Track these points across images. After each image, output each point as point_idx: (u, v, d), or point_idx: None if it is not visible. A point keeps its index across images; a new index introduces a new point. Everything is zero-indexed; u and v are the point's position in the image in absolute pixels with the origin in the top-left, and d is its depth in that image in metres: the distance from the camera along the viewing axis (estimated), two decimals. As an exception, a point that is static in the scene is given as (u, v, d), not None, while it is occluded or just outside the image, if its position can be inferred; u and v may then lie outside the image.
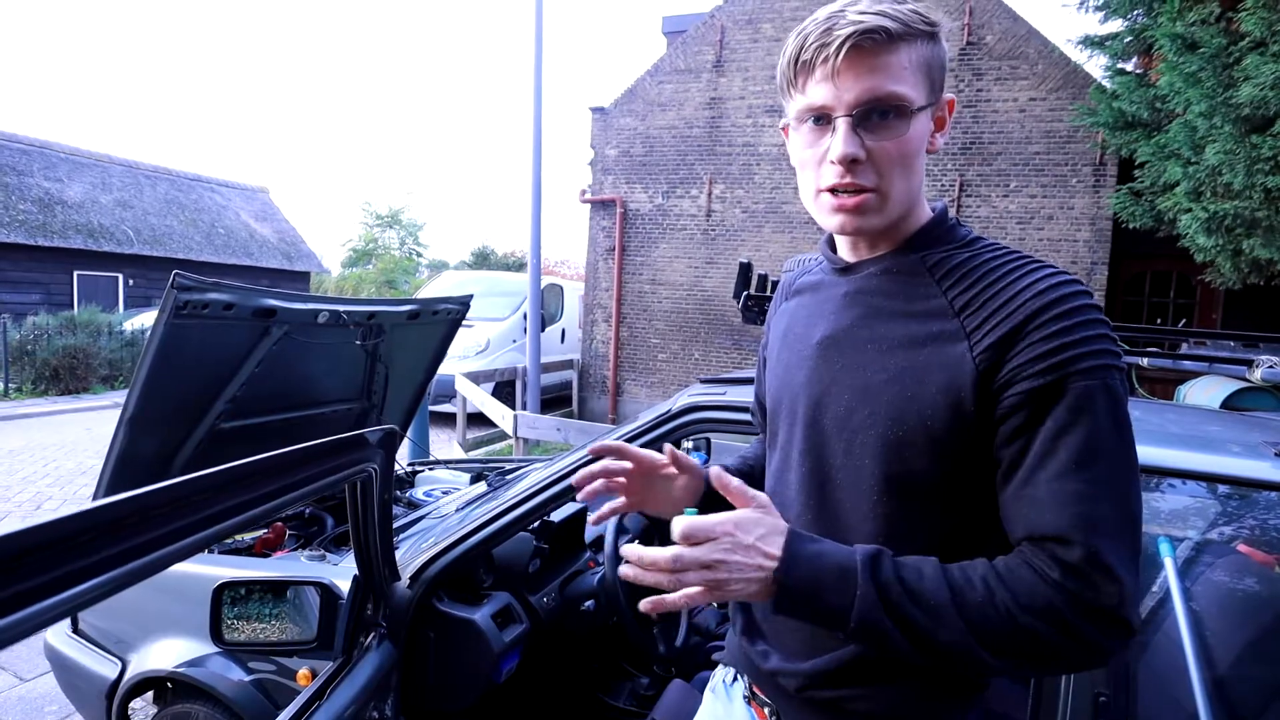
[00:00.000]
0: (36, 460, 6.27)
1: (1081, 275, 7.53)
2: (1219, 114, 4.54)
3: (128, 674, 1.74)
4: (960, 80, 7.86)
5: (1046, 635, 0.64)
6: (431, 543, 1.51)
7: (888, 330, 0.77)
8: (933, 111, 0.76)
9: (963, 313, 0.73)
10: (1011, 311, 0.69)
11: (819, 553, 0.69)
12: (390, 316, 2.32)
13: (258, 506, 0.70)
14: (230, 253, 16.54)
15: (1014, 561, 0.68)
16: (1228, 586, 1.16)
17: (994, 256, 0.75)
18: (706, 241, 9.01)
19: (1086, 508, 0.64)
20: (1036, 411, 0.67)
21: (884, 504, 0.75)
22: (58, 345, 9.77)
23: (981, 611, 0.65)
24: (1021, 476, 0.68)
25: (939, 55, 0.75)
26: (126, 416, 1.70)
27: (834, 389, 0.79)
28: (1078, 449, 0.65)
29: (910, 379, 0.73)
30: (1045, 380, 0.67)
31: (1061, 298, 0.68)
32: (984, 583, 0.67)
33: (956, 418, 0.71)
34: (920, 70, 0.73)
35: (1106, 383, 0.67)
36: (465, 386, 6.52)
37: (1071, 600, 0.64)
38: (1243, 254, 5.13)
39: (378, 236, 29.39)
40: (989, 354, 0.69)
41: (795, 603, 0.68)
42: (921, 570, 0.68)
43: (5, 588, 0.48)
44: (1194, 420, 1.43)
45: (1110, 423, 0.66)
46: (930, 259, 0.78)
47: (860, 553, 0.69)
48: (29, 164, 13.93)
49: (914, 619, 0.66)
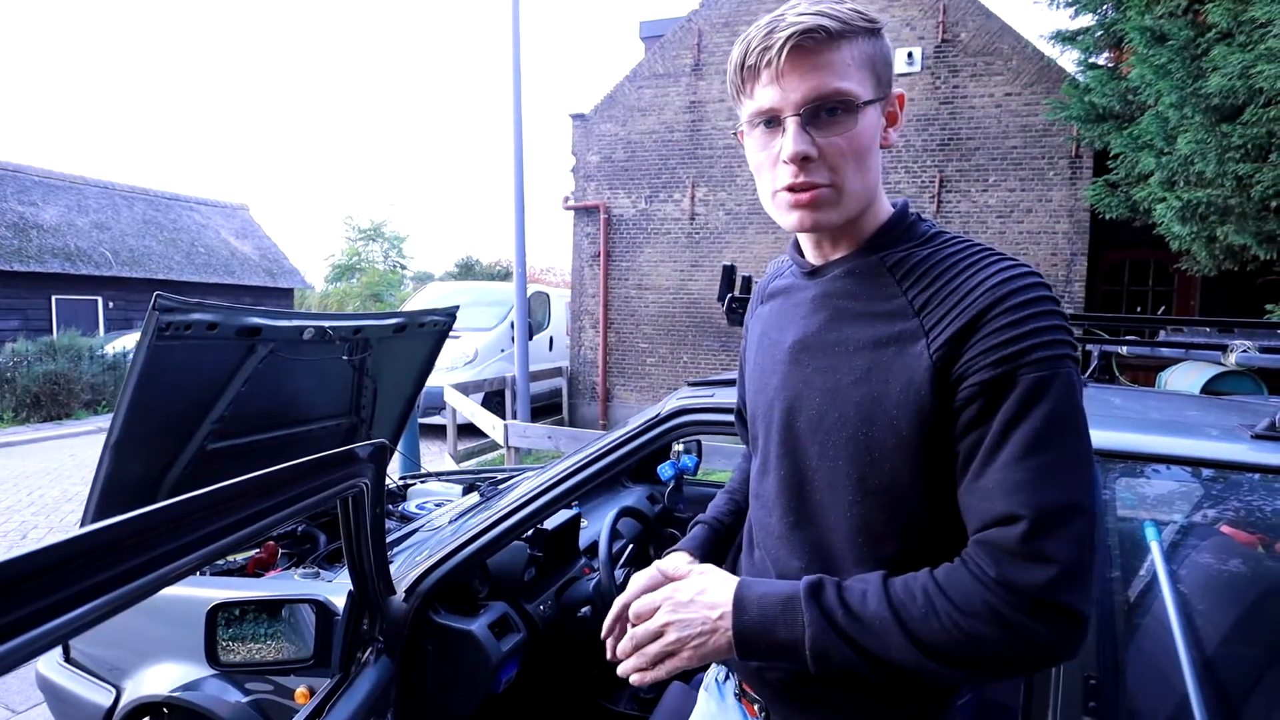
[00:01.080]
0: (20, 489, 6.18)
1: (1061, 266, 7.63)
2: (1189, 104, 4.62)
3: (123, 701, 1.72)
4: (936, 77, 7.95)
5: (988, 635, 0.65)
6: (426, 555, 1.50)
7: (854, 332, 0.78)
8: (882, 107, 0.77)
9: (922, 311, 0.74)
10: (966, 307, 0.70)
11: (764, 594, 0.74)
12: (376, 330, 2.31)
13: (249, 526, 0.70)
14: (211, 271, 16.38)
15: (954, 566, 0.69)
16: (1213, 567, 1.18)
17: (953, 252, 0.76)
18: (691, 245, 9.04)
19: (1029, 494, 0.65)
20: (989, 403, 0.68)
21: (860, 505, 0.77)
22: (38, 371, 9.64)
23: (925, 624, 0.66)
24: (974, 470, 0.69)
25: (883, 51, 0.76)
26: (112, 441, 1.69)
27: (806, 392, 0.80)
28: (1026, 439, 0.66)
29: (876, 380, 0.74)
30: (997, 372, 0.67)
31: (1014, 290, 0.69)
32: (924, 594, 0.68)
33: (919, 416, 0.72)
34: (864, 66, 0.74)
35: (1058, 373, 0.67)
36: (454, 398, 6.50)
37: (1006, 594, 0.64)
38: (1217, 241, 5.22)
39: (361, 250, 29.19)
40: (944, 350, 0.70)
41: (752, 644, 0.74)
42: (865, 591, 0.70)
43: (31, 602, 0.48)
44: (1174, 406, 1.46)
45: (1062, 412, 0.67)
46: (890, 259, 0.79)
47: (803, 584, 0.72)
48: (1, 189, 13.73)
49: (862, 640, 0.68)
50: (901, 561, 0.75)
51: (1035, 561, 0.63)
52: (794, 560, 0.83)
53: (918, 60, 7.98)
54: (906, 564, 0.75)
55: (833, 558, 0.79)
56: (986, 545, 0.66)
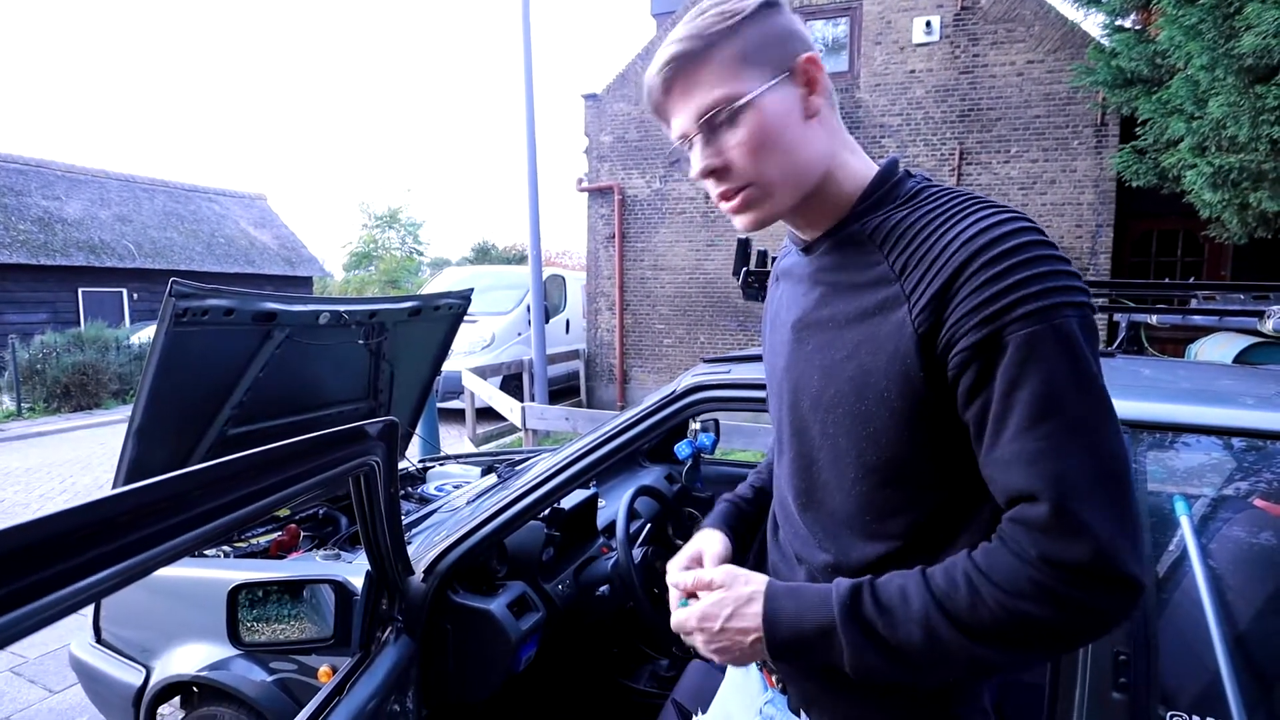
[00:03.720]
0: (53, 477, 6.34)
1: (1086, 238, 7.45)
2: (1221, 66, 4.45)
3: (153, 680, 1.76)
4: (956, 46, 7.75)
5: (1042, 615, 0.62)
6: (444, 535, 1.51)
7: (843, 306, 0.76)
8: (786, 82, 0.73)
9: (902, 275, 0.70)
10: (941, 266, 0.66)
11: (797, 614, 0.72)
12: (392, 314, 2.32)
13: (258, 500, 0.70)
14: (231, 261, 16.58)
15: (992, 547, 0.65)
16: (1245, 541, 1.14)
17: (934, 207, 0.72)
18: (706, 224, 8.96)
19: (1050, 465, 0.61)
20: (983, 370, 0.64)
21: (863, 482, 0.75)
22: (67, 363, 9.85)
23: (973, 613, 0.63)
24: (987, 441, 0.65)
25: (759, 35, 0.73)
26: (134, 428, 1.71)
27: (808, 371, 0.79)
28: (1031, 404, 0.62)
29: (866, 352, 0.72)
30: (983, 333, 0.63)
31: (992, 241, 0.64)
32: (966, 580, 0.65)
33: (908, 386, 0.69)
34: (737, 63, 0.72)
35: (1053, 325, 0.62)
36: (472, 381, 6.53)
37: (1053, 571, 0.61)
38: (1250, 207, 5.05)
39: (377, 237, 29.38)
40: (925, 315, 0.67)
41: (790, 659, 0.74)
42: (905, 588, 0.68)
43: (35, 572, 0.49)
44: (1207, 375, 1.41)
45: (1064, 368, 0.62)
46: (870, 224, 0.75)
47: (837, 603, 0.70)
48: (26, 184, 13.96)
49: (907, 646, 0.66)
50: (912, 536, 0.74)
51: (1074, 535, 0.60)
52: (809, 542, 0.83)
53: (936, 29, 7.77)
54: (917, 538, 0.74)
55: (842, 536, 0.78)
56: (1020, 523, 0.63)
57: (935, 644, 0.65)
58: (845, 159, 0.78)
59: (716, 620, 0.76)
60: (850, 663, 0.68)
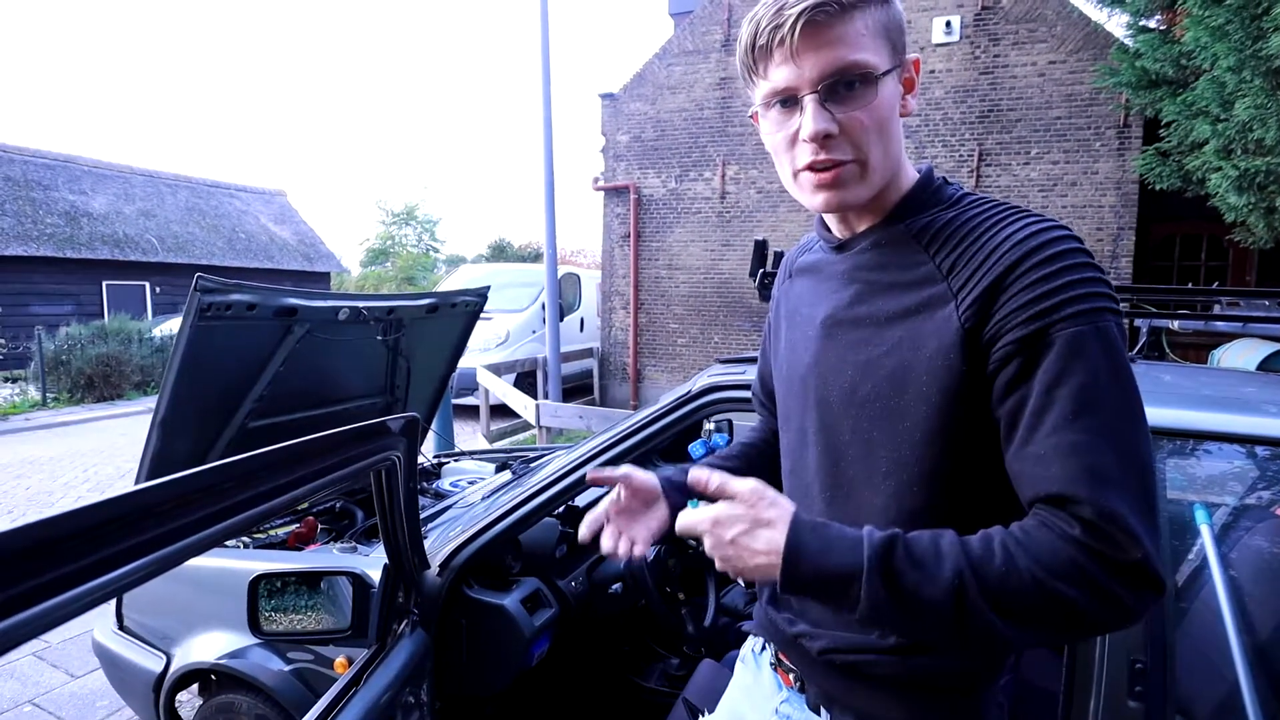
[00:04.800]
0: (76, 466, 6.46)
1: (1108, 241, 7.36)
2: (1248, 67, 4.38)
3: (173, 667, 1.79)
4: (976, 46, 7.68)
5: (1074, 598, 0.61)
6: (459, 531, 1.52)
7: (884, 304, 0.76)
8: (899, 74, 0.75)
9: (950, 274, 0.72)
10: (992, 265, 0.68)
11: (822, 552, 0.67)
12: (409, 311, 2.34)
13: (283, 494, 0.71)
14: (251, 256, 16.79)
15: (1030, 524, 0.65)
16: (1266, 552, 1.13)
17: (979, 212, 0.74)
18: (722, 224, 8.94)
19: (1089, 459, 0.62)
20: (1026, 364, 0.65)
21: (893, 479, 0.75)
22: (91, 354, 10.02)
23: (1003, 582, 0.62)
24: (1021, 435, 0.66)
25: (895, 17, 0.74)
26: (158, 419, 1.74)
27: (840, 366, 0.79)
28: (1073, 399, 0.63)
29: (907, 348, 0.73)
30: (1030, 329, 0.65)
31: (1042, 244, 0.67)
32: (1004, 550, 0.63)
33: (949, 381, 0.70)
34: (879, 35, 0.72)
35: (1098, 326, 0.64)
36: (487, 378, 6.57)
37: (1096, 558, 0.61)
38: (1276, 211, 4.97)
39: (394, 234, 29.61)
40: (973, 310, 0.68)
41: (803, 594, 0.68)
42: (939, 546, 0.65)
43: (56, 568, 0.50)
44: (1229, 382, 1.39)
45: (1106, 368, 0.64)
46: (915, 225, 0.77)
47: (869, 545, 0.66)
48: (54, 178, 14.23)
49: (927, 603, 0.63)
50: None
51: (1120, 529, 0.60)
52: None
53: (956, 29, 7.70)
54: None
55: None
56: (1061, 510, 0.63)
57: (958, 607, 0.62)
58: (904, 162, 0.80)
59: (729, 529, 0.69)
60: (863, 610, 0.65)
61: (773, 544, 0.68)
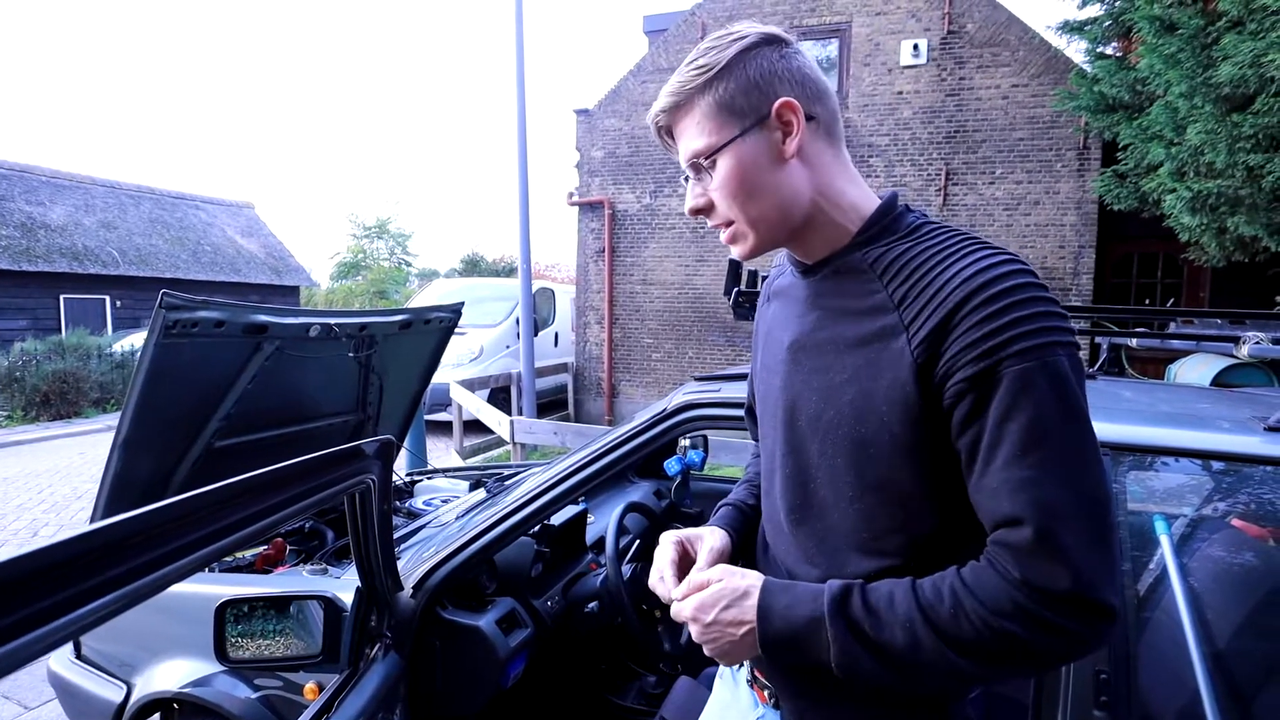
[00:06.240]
0: (30, 488, 6.23)
1: (1069, 259, 7.58)
2: (1199, 94, 4.58)
3: (134, 697, 1.73)
4: (943, 69, 7.90)
5: (1022, 635, 0.64)
6: (433, 551, 1.51)
7: (844, 330, 0.78)
8: (756, 132, 0.76)
9: (901, 305, 0.73)
10: (941, 301, 0.69)
11: (789, 605, 0.75)
12: (382, 327, 2.32)
13: (257, 522, 0.70)
14: (217, 270, 16.44)
15: (980, 566, 0.69)
16: (1224, 561, 1.17)
17: (932, 244, 0.75)
18: (696, 240, 9.02)
19: (1036, 493, 0.64)
20: (978, 401, 0.67)
21: (860, 502, 0.77)
22: (47, 370, 9.71)
23: (955, 624, 0.66)
24: (977, 469, 0.69)
25: (726, 93, 0.76)
26: (120, 439, 1.70)
27: (805, 392, 0.81)
28: (1022, 435, 0.65)
29: (865, 377, 0.75)
30: (979, 367, 0.67)
31: (990, 281, 0.68)
32: (952, 594, 0.68)
33: (907, 412, 0.71)
34: (714, 115, 0.77)
35: (1044, 362, 0.65)
36: (460, 394, 6.51)
37: (1033, 594, 0.64)
38: (1227, 232, 5.17)
39: (366, 248, 29.28)
40: (924, 347, 0.70)
41: (779, 656, 0.77)
42: (893, 594, 0.71)
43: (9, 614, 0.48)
44: (1185, 398, 1.44)
45: (1054, 403, 0.65)
46: (871, 255, 0.78)
47: (828, 599, 0.73)
48: (10, 189, 13.81)
49: (890, 648, 0.69)
50: (909, 554, 0.75)
51: (1054, 561, 0.63)
52: (801, 558, 0.84)
53: (923, 52, 7.93)
54: (914, 557, 0.75)
55: (837, 554, 0.80)
56: (1005, 546, 0.66)
57: (917, 649, 0.68)
58: (841, 190, 0.80)
59: (711, 611, 0.79)
60: (837, 659, 0.71)
61: (746, 612, 0.77)
